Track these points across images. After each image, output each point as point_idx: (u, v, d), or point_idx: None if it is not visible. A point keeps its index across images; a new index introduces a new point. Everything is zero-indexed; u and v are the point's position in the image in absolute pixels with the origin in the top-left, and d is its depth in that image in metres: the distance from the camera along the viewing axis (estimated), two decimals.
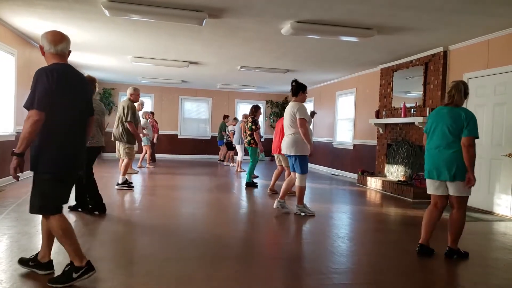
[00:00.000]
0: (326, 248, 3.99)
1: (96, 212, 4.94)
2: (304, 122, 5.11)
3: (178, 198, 6.59)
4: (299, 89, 5.36)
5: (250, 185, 7.76)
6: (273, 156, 7.15)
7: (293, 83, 5.39)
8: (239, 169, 10.63)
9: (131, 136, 6.65)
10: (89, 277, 2.74)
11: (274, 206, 5.60)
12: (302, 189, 5.33)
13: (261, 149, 7.84)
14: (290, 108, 5.28)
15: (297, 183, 5.32)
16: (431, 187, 3.80)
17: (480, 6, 4.85)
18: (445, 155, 3.61)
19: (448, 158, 3.59)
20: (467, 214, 5.68)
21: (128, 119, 6.48)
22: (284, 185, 5.60)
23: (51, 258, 2.97)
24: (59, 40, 2.75)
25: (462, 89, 3.65)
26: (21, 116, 7.18)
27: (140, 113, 9.21)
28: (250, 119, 7.83)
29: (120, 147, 6.78)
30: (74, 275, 2.69)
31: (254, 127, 7.77)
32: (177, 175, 9.52)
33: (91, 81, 4.58)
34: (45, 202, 2.68)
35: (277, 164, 7.06)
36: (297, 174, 5.30)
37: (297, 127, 5.15)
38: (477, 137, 3.54)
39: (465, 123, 3.52)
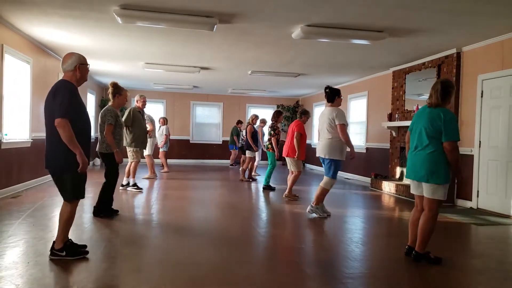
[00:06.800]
0: (339, 252, 3.96)
1: (102, 214, 5.05)
2: (344, 128, 5.15)
3: (189, 201, 6.61)
4: (334, 95, 5.35)
5: (267, 188, 7.91)
6: (285, 160, 7.16)
7: (327, 90, 5.37)
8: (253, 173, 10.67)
9: (135, 140, 7.10)
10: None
11: (307, 210, 5.58)
12: (325, 191, 5.37)
13: (277, 155, 7.90)
14: (328, 113, 5.28)
15: (322, 184, 5.35)
16: (412, 187, 3.77)
17: (493, 7, 4.79)
18: (421, 156, 3.55)
19: (422, 159, 3.53)
20: (484, 218, 5.70)
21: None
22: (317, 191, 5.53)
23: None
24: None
25: (439, 89, 3.49)
26: (36, 123, 7.31)
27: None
28: (270, 125, 7.99)
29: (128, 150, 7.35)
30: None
31: (272, 132, 7.89)
32: (190, 180, 9.56)
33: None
34: None
35: (288, 167, 7.07)
36: (326, 177, 5.32)
37: (335, 132, 5.19)
38: (458, 140, 3.42)
39: (443, 125, 3.40)
